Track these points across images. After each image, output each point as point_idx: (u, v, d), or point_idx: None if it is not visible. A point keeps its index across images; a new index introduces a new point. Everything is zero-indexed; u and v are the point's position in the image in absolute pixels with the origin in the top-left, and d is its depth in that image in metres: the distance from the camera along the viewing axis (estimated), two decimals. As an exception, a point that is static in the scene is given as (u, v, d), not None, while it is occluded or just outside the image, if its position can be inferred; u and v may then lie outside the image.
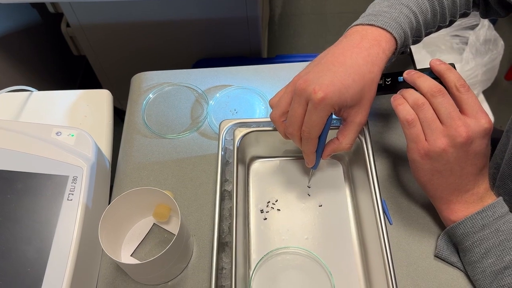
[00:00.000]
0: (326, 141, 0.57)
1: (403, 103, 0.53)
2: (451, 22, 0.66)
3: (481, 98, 1.36)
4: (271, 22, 1.82)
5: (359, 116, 0.54)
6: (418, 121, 0.51)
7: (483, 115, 0.50)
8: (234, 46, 1.28)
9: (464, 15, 0.67)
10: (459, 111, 0.50)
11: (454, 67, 0.54)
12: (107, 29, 1.23)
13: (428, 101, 0.51)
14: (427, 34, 0.64)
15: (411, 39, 0.59)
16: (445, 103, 0.50)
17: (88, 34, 1.25)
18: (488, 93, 1.45)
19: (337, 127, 0.57)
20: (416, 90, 0.53)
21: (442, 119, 0.50)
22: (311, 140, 0.54)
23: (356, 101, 0.53)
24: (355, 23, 0.58)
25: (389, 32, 0.55)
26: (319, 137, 0.55)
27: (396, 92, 0.55)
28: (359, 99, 0.53)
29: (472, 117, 0.50)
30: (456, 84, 0.51)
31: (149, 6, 1.15)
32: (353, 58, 0.53)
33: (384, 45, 0.54)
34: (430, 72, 0.54)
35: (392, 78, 0.58)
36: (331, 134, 0.57)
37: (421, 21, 0.59)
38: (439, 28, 0.65)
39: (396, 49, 0.56)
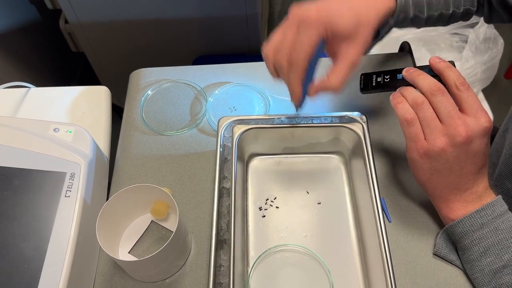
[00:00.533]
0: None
1: (402, 102, 0.52)
2: (452, 14, 0.65)
3: (481, 96, 1.36)
4: (270, 20, 1.81)
5: (351, 51, 0.52)
6: (417, 120, 0.51)
7: (483, 114, 0.49)
8: (233, 43, 1.28)
9: (467, 14, 0.66)
10: (459, 109, 0.50)
11: (454, 65, 0.54)
12: (106, 26, 1.22)
13: (428, 100, 0.51)
14: (429, 18, 0.62)
15: (412, 9, 0.58)
16: (444, 102, 0.50)
17: (86, 31, 1.24)
18: (488, 92, 1.45)
19: None
20: (416, 88, 0.53)
21: (442, 118, 0.50)
22: (298, 63, 0.51)
23: (349, 31, 0.51)
24: None
25: None
26: (307, 72, 0.52)
27: (395, 90, 0.55)
28: (352, 31, 0.51)
29: (472, 116, 0.49)
30: (456, 82, 0.51)
31: (148, 3, 1.15)
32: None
33: None
34: (429, 69, 0.54)
35: (391, 76, 0.57)
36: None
37: None
38: (440, 17, 0.63)
39: (395, 10, 0.56)
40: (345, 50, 0.52)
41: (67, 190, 0.55)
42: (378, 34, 0.59)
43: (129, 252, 0.57)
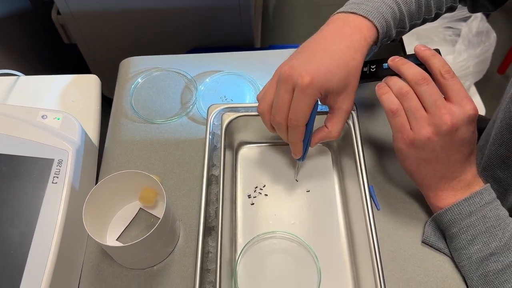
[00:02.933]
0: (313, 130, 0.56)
1: (387, 92, 0.52)
2: (437, 15, 0.65)
3: (473, 90, 1.37)
4: (265, 13, 1.81)
5: (345, 103, 0.54)
6: (403, 110, 0.51)
7: (468, 101, 0.49)
8: (226, 36, 1.27)
9: (451, 9, 0.66)
10: (444, 98, 0.50)
11: (440, 53, 0.53)
12: (98, 17, 1.22)
13: (413, 89, 0.50)
14: (412, 26, 0.63)
15: (395, 30, 0.59)
16: (429, 91, 0.49)
17: (79, 22, 1.24)
18: (481, 87, 1.45)
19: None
20: (401, 78, 0.53)
21: (427, 107, 0.50)
22: (298, 128, 0.53)
23: (342, 87, 0.53)
24: (337, 11, 0.58)
25: (370, 20, 0.55)
26: (306, 126, 0.54)
27: (381, 80, 0.55)
28: (344, 85, 0.53)
29: (457, 104, 0.49)
30: (441, 70, 0.50)
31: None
32: (336, 44, 0.53)
33: (366, 32, 0.54)
34: (415, 58, 0.54)
35: (377, 65, 0.57)
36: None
37: (405, 12, 0.59)
38: (424, 21, 0.64)
39: (378, 38, 0.56)
40: (340, 102, 0.54)
41: (54, 177, 0.55)
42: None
43: (117, 239, 0.57)
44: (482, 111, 1.29)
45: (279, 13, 1.91)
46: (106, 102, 0.74)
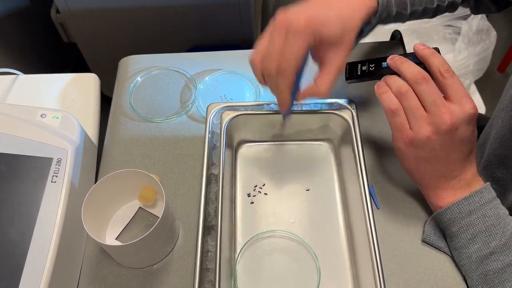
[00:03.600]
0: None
1: (387, 92, 0.52)
2: (437, 8, 0.64)
3: (473, 88, 1.36)
4: (265, 12, 1.80)
5: (337, 59, 0.52)
6: (402, 110, 0.51)
7: (468, 100, 0.49)
8: (226, 34, 1.27)
9: (453, 6, 0.66)
10: (444, 96, 0.50)
11: (439, 52, 0.53)
12: (98, 15, 1.21)
13: (412, 88, 0.50)
14: (413, 13, 0.62)
15: (395, 7, 0.58)
16: (429, 90, 0.49)
17: (78, 20, 1.23)
18: (481, 85, 1.45)
19: None
20: (400, 77, 0.52)
21: (426, 107, 0.49)
22: (287, 73, 0.51)
23: (336, 39, 0.51)
24: None
25: None
26: (295, 79, 0.52)
27: (380, 79, 0.54)
28: (338, 38, 0.52)
29: (457, 103, 0.49)
30: (440, 69, 0.50)
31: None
32: (336, 1, 0.53)
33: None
34: (414, 57, 0.53)
35: (376, 64, 0.57)
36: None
37: None
38: (425, 11, 0.63)
39: (377, 10, 0.56)
40: (332, 56, 0.53)
41: (53, 176, 0.55)
42: (362, 32, 0.59)
43: (116, 238, 0.57)
44: (482, 109, 1.29)
45: (271, 21, 1.91)
46: (106, 101, 0.74)
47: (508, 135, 0.58)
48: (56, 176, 0.55)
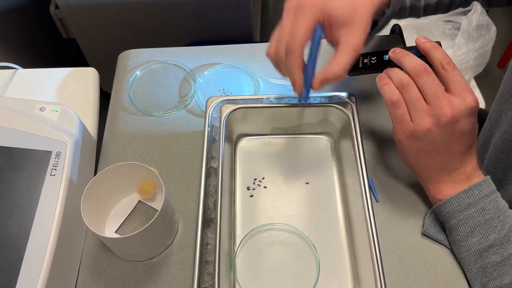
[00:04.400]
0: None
1: (388, 84, 0.52)
2: (452, 2, 0.64)
3: (473, 84, 1.36)
4: (264, 8, 1.80)
5: (351, 38, 0.52)
6: (403, 102, 0.50)
7: (469, 93, 0.49)
8: (225, 30, 1.27)
9: (466, 1, 0.65)
10: (445, 89, 0.49)
11: (440, 45, 0.53)
12: (97, 11, 1.21)
13: (413, 81, 0.50)
14: (427, 6, 0.62)
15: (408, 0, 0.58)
16: (430, 82, 0.49)
17: (77, 16, 1.23)
18: (481, 81, 1.45)
19: None
20: (402, 69, 0.52)
21: (427, 99, 0.49)
22: (295, 49, 0.50)
23: (346, 18, 0.51)
24: None
25: None
26: (309, 61, 0.51)
27: (382, 72, 0.54)
28: (349, 17, 0.51)
29: (458, 96, 0.49)
30: (442, 62, 0.50)
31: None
32: None
33: None
34: (416, 50, 0.53)
35: (378, 57, 0.57)
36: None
37: None
38: (439, 5, 0.62)
39: (390, 1, 0.55)
40: (345, 36, 0.52)
41: (52, 169, 0.55)
42: (376, 24, 0.58)
43: (115, 231, 0.57)
44: (482, 104, 1.29)
45: (279, 7, 1.91)
46: (105, 97, 0.73)
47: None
48: (55, 169, 0.55)
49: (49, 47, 1.54)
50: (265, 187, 0.61)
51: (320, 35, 0.51)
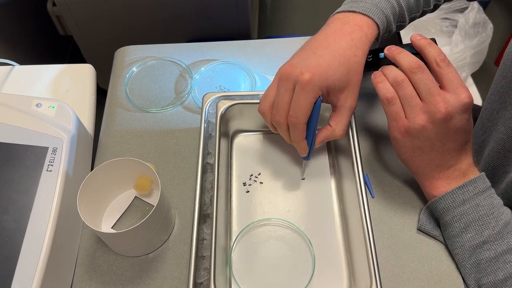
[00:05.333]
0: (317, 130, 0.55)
1: (383, 81, 0.52)
2: (435, 7, 0.65)
3: (470, 81, 1.37)
4: (262, 5, 1.80)
5: (349, 100, 0.53)
6: (398, 99, 0.51)
7: (463, 89, 0.49)
8: (223, 28, 1.27)
9: None
10: (440, 86, 0.50)
11: (435, 42, 0.53)
12: (94, 8, 1.21)
13: (408, 78, 0.50)
14: (412, 19, 0.63)
15: (395, 24, 0.59)
16: (424, 79, 0.49)
17: (74, 13, 1.23)
18: (478, 79, 1.45)
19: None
20: (397, 67, 0.52)
21: (422, 96, 0.50)
22: (298, 125, 0.52)
23: (344, 84, 0.52)
24: (336, 11, 0.57)
25: (370, 18, 0.54)
26: (309, 124, 0.53)
27: (377, 69, 0.55)
28: (346, 82, 0.52)
29: (452, 92, 0.49)
30: (436, 59, 0.50)
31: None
32: (337, 42, 0.52)
33: (366, 30, 0.54)
34: (411, 47, 0.54)
35: (373, 55, 0.57)
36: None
37: (404, 6, 0.59)
38: (423, 13, 0.64)
39: (378, 34, 0.56)
40: (343, 99, 0.53)
41: (49, 165, 0.55)
42: None
43: (112, 227, 0.57)
44: (478, 101, 1.29)
45: (277, 4, 1.91)
46: (102, 94, 0.73)
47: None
48: (52, 165, 0.55)
49: (46, 44, 1.53)
50: (261, 182, 0.61)
51: (320, 104, 0.52)
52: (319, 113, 0.53)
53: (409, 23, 0.63)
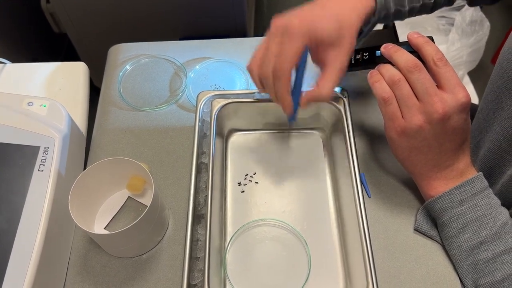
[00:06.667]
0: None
1: (379, 80, 0.51)
2: (436, 3, 0.64)
3: (467, 80, 1.36)
4: (258, 1, 1.79)
5: (338, 60, 0.52)
6: (394, 99, 0.50)
7: (460, 89, 0.48)
8: (218, 25, 1.26)
9: (449, 1, 0.65)
10: (437, 85, 0.49)
11: (433, 40, 0.53)
12: (88, 5, 1.20)
13: (405, 77, 0.50)
14: (411, 9, 0.62)
15: (393, 4, 0.58)
16: (421, 78, 0.49)
17: (68, 10, 1.21)
18: (475, 77, 1.45)
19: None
20: (394, 65, 0.52)
21: (419, 95, 0.49)
22: (283, 75, 0.51)
23: (334, 39, 0.51)
24: None
25: None
26: (296, 81, 0.52)
27: (374, 67, 0.54)
28: (337, 38, 0.52)
29: (450, 92, 0.48)
30: (434, 58, 0.50)
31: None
32: (332, 3, 0.53)
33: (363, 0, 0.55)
34: (408, 45, 0.53)
35: (369, 53, 0.57)
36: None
37: None
38: (423, 7, 0.63)
39: (375, 9, 0.55)
40: (332, 57, 0.52)
41: (40, 164, 0.54)
42: (362, 32, 0.58)
43: (105, 228, 0.56)
44: (475, 100, 1.29)
45: (274, 2, 1.90)
46: (96, 92, 0.72)
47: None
48: (43, 165, 0.54)
49: (40, 42, 1.52)
50: (256, 182, 0.60)
51: (306, 57, 0.52)
52: (304, 71, 0.52)
53: (408, 13, 0.62)
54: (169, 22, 1.24)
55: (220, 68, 0.72)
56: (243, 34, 1.28)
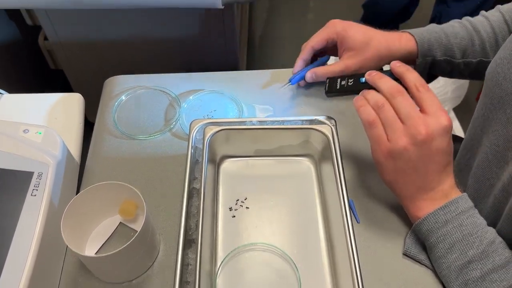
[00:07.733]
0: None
1: (365, 105, 0.54)
2: (479, 64, 0.71)
3: (452, 115, 1.40)
4: (250, 41, 1.85)
5: (350, 60, 0.68)
6: (380, 122, 0.52)
7: (442, 113, 0.51)
8: (211, 62, 1.29)
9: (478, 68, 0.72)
10: (420, 110, 0.52)
11: (414, 69, 0.56)
12: (85, 43, 1.23)
13: (389, 102, 0.52)
14: (467, 64, 0.70)
15: (440, 52, 0.68)
16: (404, 102, 0.51)
17: (65, 48, 1.25)
18: (460, 114, 1.49)
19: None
20: (378, 91, 0.54)
21: (402, 119, 0.51)
22: (304, 48, 0.72)
23: (356, 48, 0.68)
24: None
25: (410, 34, 0.68)
26: (313, 60, 0.73)
27: (358, 93, 0.56)
28: (359, 47, 0.68)
29: (432, 116, 0.51)
30: (416, 84, 0.53)
31: (127, 23, 1.16)
32: (375, 31, 0.70)
33: (403, 38, 0.69)
34: (390, 73, 0.56)
35: (354, 79, 0.59)
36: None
37: (452, 41, 0.68)
38: (480, 64, 0.70)
39: (417, 49, 0.68)
40: (346, 58, 0.69)
41: (33, 189, 0.54)
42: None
43: (96, 253, 0.56)
44: (461, 134, 1.32)
45: (265, 43, 1.96)
46: (90, 127, 0.73)
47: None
48: (37, 190, 0.54)
49: (36, 77, 1.55)
50: (247, 207, 0.61)
51: (324, 61, 0.73)
52: (319, 64, 0.72)
53: (463, 64, 0.70)
54: (163, 62, 1.28)
55: (213, 99, 0.74)
56: (235, 67, 1.32)
